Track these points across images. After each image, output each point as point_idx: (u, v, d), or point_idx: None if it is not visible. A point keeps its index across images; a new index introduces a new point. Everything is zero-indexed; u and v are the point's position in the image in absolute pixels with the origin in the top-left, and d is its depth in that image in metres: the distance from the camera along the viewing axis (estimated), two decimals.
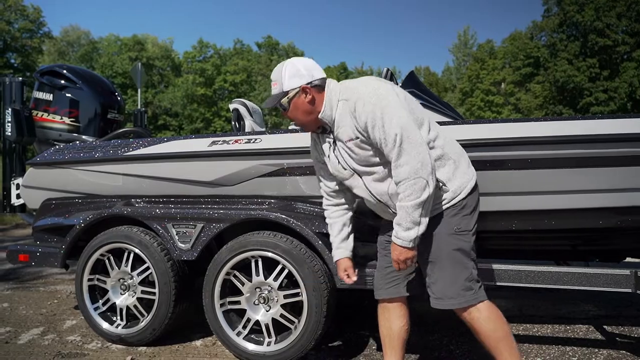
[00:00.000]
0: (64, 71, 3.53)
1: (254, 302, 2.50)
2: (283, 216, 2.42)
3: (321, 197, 2.60)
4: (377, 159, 1.73)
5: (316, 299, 2.33)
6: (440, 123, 2.07)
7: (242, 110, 3.27)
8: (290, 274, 2.41)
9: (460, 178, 1.77)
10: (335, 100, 1.75)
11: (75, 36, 49.65)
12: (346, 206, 2.05)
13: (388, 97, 1.65)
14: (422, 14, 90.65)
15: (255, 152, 2.58)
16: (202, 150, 2.69)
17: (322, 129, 1.85)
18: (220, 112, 49.10)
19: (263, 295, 2.47)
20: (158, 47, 50.01)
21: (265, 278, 2.46)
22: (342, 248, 2.03)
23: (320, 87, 1.77)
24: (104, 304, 2.82)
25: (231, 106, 3.29)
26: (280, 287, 2.45)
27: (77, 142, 3.26)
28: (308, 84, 1.75)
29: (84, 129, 3.50)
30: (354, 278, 2.04)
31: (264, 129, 3.43)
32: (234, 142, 2.65)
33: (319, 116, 1.76)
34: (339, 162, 1.83)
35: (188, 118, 47.04)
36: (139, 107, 13.31)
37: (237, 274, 2.51)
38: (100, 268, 2.83)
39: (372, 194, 1.82)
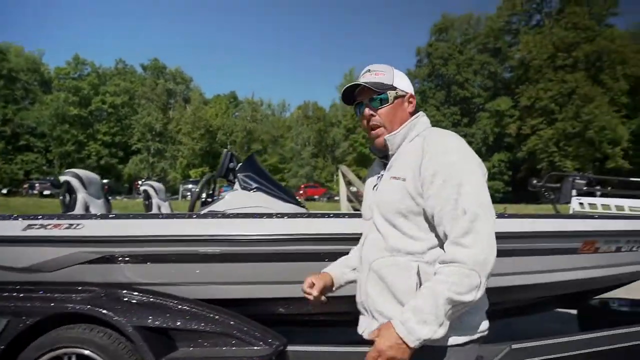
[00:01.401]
0: None
1: None
2: (101, 310, 2.31)
3: (147, 284, 2.58)
4: (399, 219, 1.33)
5: None
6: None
7: (75, 182, 3.06)
8: None
9: (480, 315, 1.35)
10: (415, 133, 1.41)
11: None
12: None
13: (479, 168, 1.31)
14: (312, 50, 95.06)
15: (76, 239, 2.46)
16: (16, 235, 2.48)
17: (382, 153, 1.47)
18: (96, 135, 45.52)
19: None
20: (24, 59, 44.98)
21: None
22: (337, 266, 1.64)
23: (413, 108, 1.49)
24: None
25: (62, 178, 3.05)
26: None
27: None
28: (412, 96, 1.48)
29: None
30: (314, 292, 1.51)
31: (101, 200, 3.27)
32: (53, 227, 2.49)
33: (387, 135, 1.41)
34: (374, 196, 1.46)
35: (57, 139, 42.71)
36: None
37: None
38: None
39: (364, 254, 1.43)
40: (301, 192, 35.77)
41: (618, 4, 36.52)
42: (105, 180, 5.69)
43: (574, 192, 4.10)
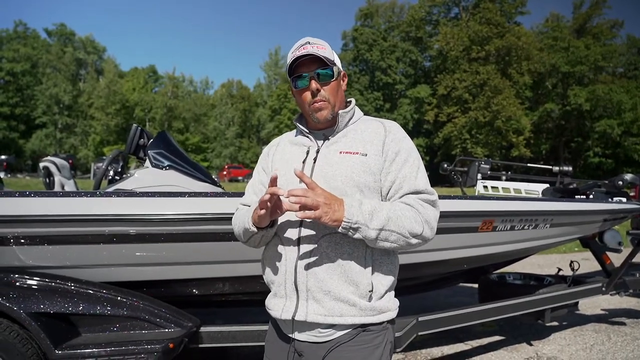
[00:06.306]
0: None
1: None
2: None
3: (45, 267, 2.39)
4: (356, 194, 1.29)
5: None
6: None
7: (52, 168, 3.36)
8: None
9: (392, 290, 1.37)
10: (358, 116, 1.44)
11: None
12: None
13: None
14: (236, 28, 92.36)
15: None
16: None
17: (311, 131, 1.42)
18: None
19: None
20: None
21: None
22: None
23: (346, 86, 1.50)
24: None
25: (41, 164, 3.41)
26: None
27: None
28: (345, 75, 1.46)
29: None
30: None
31: (71, 181, 3.45)
32: None
33: (341, 111, 1.39)
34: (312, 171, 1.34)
35: None
36: None
37: None
38: None
39: (305, 228, 1.29)
40: (225, 172, 35.06)
41: (526, 3, 39.57)
42: (2, 157, 5.65)
43: (479, 175, 4.41)
